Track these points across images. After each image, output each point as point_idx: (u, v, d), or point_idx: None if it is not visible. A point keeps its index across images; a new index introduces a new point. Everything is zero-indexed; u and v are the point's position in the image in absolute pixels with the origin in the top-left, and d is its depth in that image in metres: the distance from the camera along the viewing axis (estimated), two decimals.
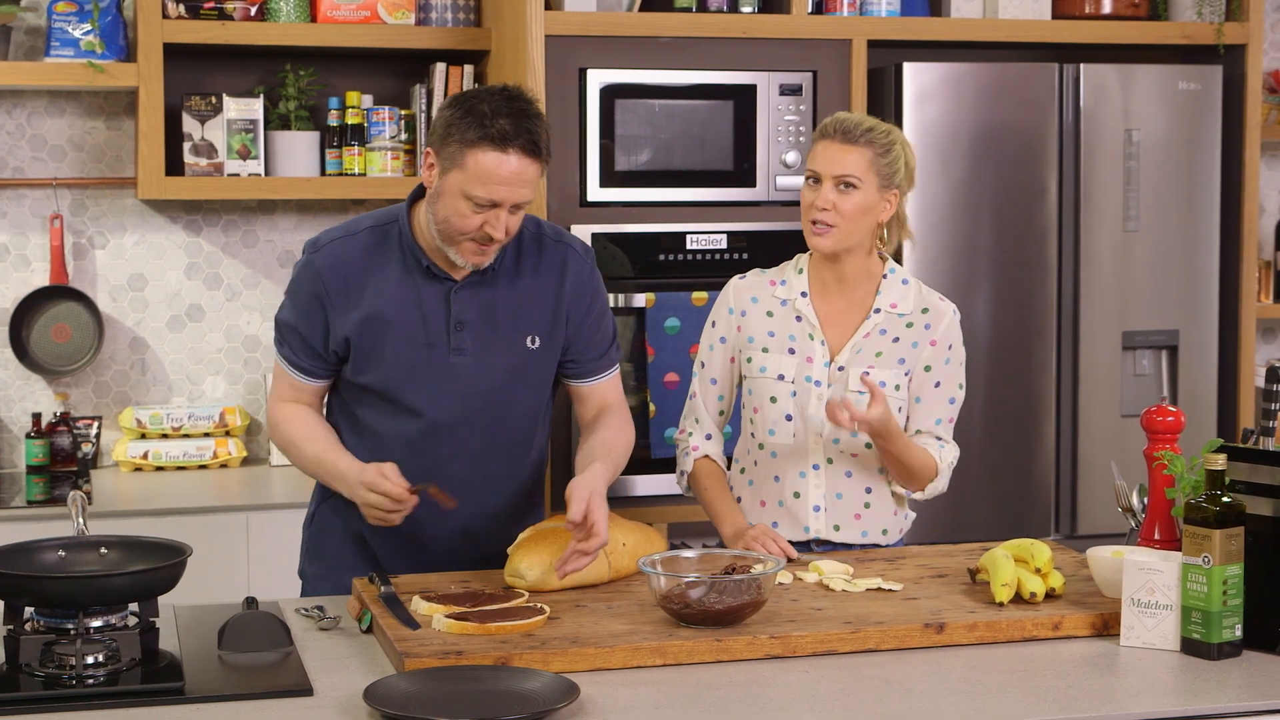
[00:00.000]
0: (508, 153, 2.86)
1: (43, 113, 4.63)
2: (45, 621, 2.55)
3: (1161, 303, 4.66)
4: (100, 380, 4.71)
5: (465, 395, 3.04)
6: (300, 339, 3.07)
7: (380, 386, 3.04)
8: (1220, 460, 2.59)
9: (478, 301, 3.03)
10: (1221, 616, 2.56)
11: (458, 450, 3.06)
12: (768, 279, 3.30)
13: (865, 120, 3.17)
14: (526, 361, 3.07)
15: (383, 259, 3.03)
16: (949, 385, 3.22)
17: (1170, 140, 4.63)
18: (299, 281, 3.08)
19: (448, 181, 2.91)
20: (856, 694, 2.43)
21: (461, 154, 2.87)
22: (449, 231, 2.93)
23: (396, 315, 3.01)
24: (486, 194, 2.87)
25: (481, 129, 2.86)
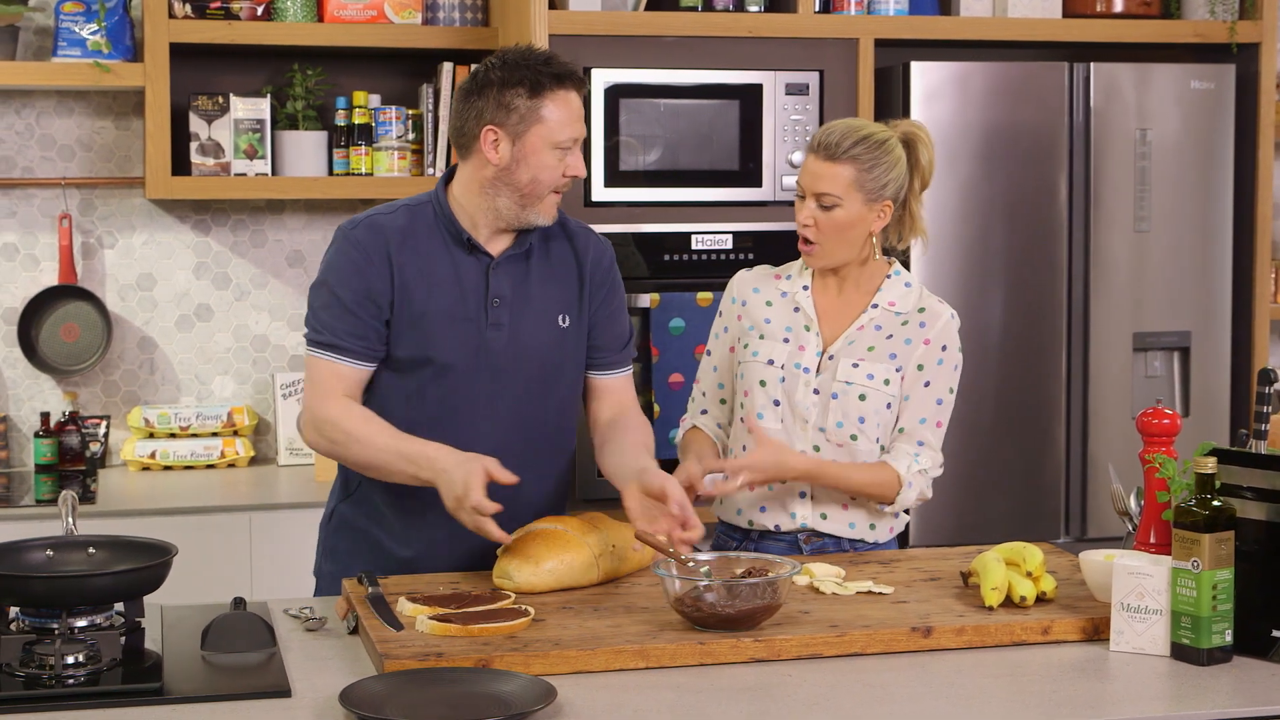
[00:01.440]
0: (569, 89, 3.01)
1: (51, 112, 4.65)
2: (30, 621, 2.55)
3: (1173, 304, 4.62)
4: (109, 379, 4.72)
5: (499, 371, 3.06)
6: (347, 316, 3.02)
7: (419, 357, 3.04)
8: (1210, 464, 2.56)
9: (513, 278, 3.08)
10: (1211, 622, 2.53)
11: (488, 428, 3.06)
12: (773, 273, 3.32)
13: (855, 131, 3.14)
14: (559, 340, 3.11)
15: (420, 234, 3.07)
16: (938, 386, 3.20)
17: (1183, 140, 4.59)
18: (338, 258, 3.06)
19: (528, 142, 2.99)
20: (839, 698, 2.41)
21: (536, 109, 2.98)
22: (539, 190, 3.01)
23: (435, 287, 3.04)
24: (571, 133, 3.00)
25: (543, 80, 2.98)
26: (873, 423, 3.15)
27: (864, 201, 3.13)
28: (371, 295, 3.02)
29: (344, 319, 3.02)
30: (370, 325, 3.02)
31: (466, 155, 3.06)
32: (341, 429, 3.01)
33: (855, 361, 3.16)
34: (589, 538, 2.92)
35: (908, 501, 3.16)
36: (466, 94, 3.03)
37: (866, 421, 3.15)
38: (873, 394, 3.15)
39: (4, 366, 4.66)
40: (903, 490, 3.15)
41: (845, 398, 3.15)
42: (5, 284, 4.65)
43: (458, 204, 3.08)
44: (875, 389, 3.15)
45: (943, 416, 3.20)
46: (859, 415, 3.15)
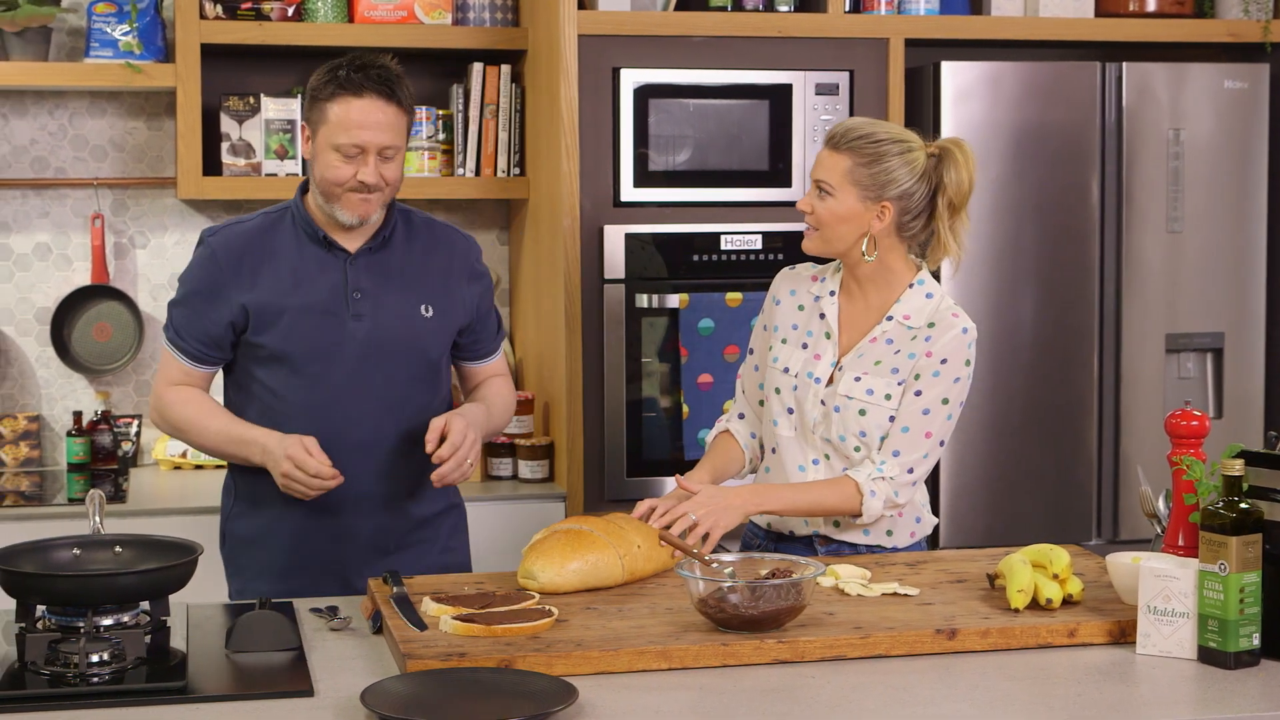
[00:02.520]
0: (362, 97, 3.10)
1: (84, 113, 4.67)
2: (56, 620, 2.56)
3: (1206, 305, 4.59)
4: (140, 379, 4.74)
5: (363, 359, 3.19)
6: (195, 323, 3.20)
7: (280, 352, 3.17)
8: (1238, 466, 2.54)
9: (373, 270, 3.22)
10: (1238, 625, 2.51)
11: (358, 416, 3.20)
12: (811, 274, 3.30)
13: (865, 127, 3.11)
14: (423, 329, 3.24)
15: (278, 239, 3.22)
16: (928, 396, 3.11)
17: (1216, 140, 4.56)
18: (194, 267, 3.24)
19: (318, 141, 3.14)
20: (862, 700, 2.40)
21: (324, 110, 3.12)
22: (327, 187, 3.15)
23: (295, 285, 3.18)
24: (349, 139, 3.09)
25: (336, 83, 3.12)
26: (875, 436, 3.12)
27: (859, 197, 3.10)
28: (220, 302, 3.18)
29: (190, 322, 3.22)
30: (213, 332, 3.20)
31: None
32: (177, 414, 3.23)
33: (858, 375, 3.13)
34: (613, 538, 2.92)
35: (875, 511, 3.08)
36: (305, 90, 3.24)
37: (869, 435, 3.12)
38: (872, 409, 3.12)
39: (37, 366, 4.69)
40: (865, 499, 3.08)
41: (846, 411, 3.13)
42: (38, 284, 4.68)
43: (311, 205, 3.23)
44: (875, 404, 3.11)
45: (931, 427, 3.11)
46: (860, 429, 3.12)
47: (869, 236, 3.12)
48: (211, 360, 3.23)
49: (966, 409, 4.35)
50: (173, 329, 3.24)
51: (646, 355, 4.24)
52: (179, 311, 3.23)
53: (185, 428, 3.23)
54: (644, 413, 4.26)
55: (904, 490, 3.12)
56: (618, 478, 4.25)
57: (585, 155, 4.22)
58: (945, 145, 3.13)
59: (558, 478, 4.36)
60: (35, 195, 4.66)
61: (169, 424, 3.26)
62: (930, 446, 3.13)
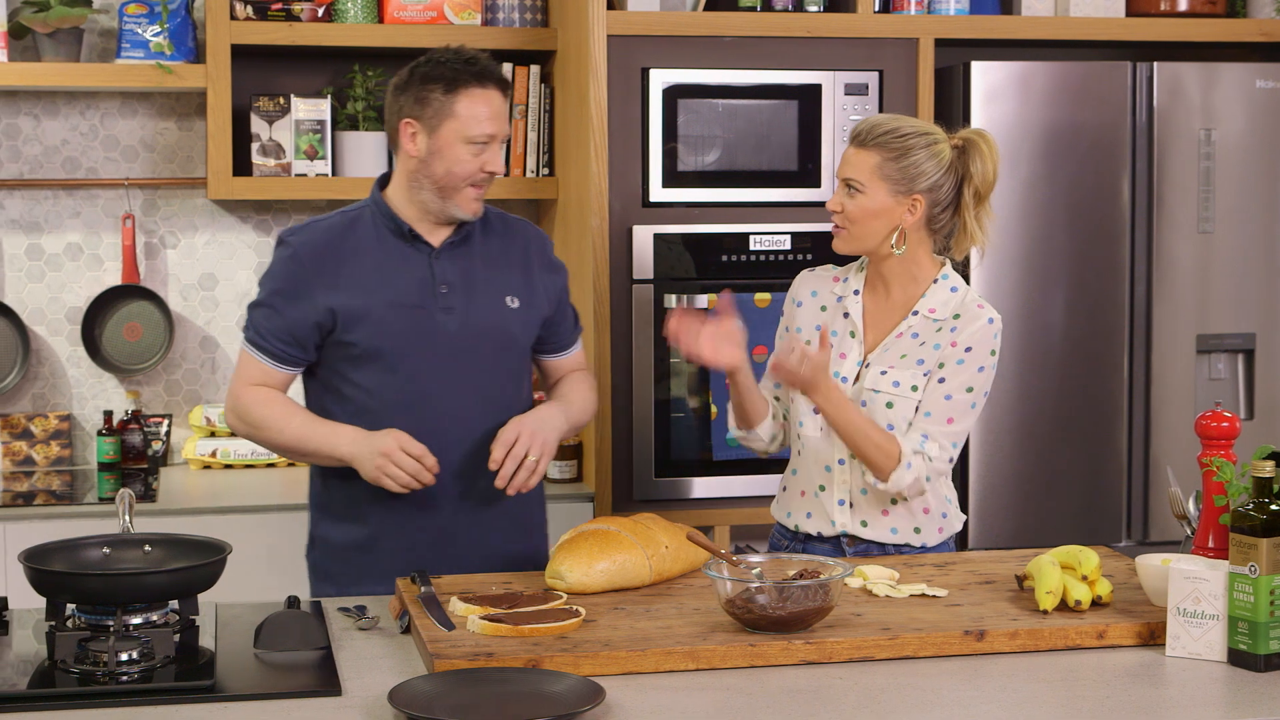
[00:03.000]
0: (486, 88, 3.14)
1: (115, 114, 4.69)
2: (86, 618, 2.58)
3: (1238, 305, 4.56)
4: (171, 379, 4.76)
5: (455, 353, 3.17)
6: (278, 323, 3.16)
7: (373, 349, 3.15)
8: (1268, 467, 2.53)
9: (457, 265, 3.21)
10: (1268, 627, 2.50)
11: (452, 409, 3.18)
12: (833, 275, 3.32)
13: (890, 123, 3.13)
14: (510, 320, 3.23)
15: (359, 236, 3.21)
16: (952, 383, 3.13)
17: (1248, 140, 4.54)
18: (277, 267, 3.21)
19: (441, 136, 3.13)
20: (890, 702, 2.39)
21: (450, 105, 3.12)
22: (452, 183, 3.14)
23: (383, 282, 3.16)
24: (481, 130, 3.12)
25: (460, 77, 3.12)
26: (902, 429, 3.13)
27: (890, 191, 3.11)
28: (305, 302, 3.14)
29: (272, 321, 3.18)
30: (295, 334, 3.16)
31: (395, 150, 3.22)
32: (256, 414, 3.18)
33: (885, 369, 3.15)
34: (641, 539, 2.92)
35: (903, 482, 3.09)
36: (393, 90, 3.21)
37: (896, 428, 3.13)
38: (900, 401, 3.12)
39: (68, 365, 4.71)
40: (899, 468, 3.08)
41: (873, 405, 3.13)
42: (69, 284, 4.70)
43: (394, 202, 3.22)
44: (902, 396, 3.12)
45: (954, 413, 3.12)
46: (887, 423, 3.13)
47: (900, 230, 3.13)
48: (294, 361, 3.19)
49: (996, 409, 4.38)
50: (254, 330, 3.19)
51: (675, 355, 4.24)
52: (261, 312, 3.19)
53: (264, 425, 3.18)
54: (672, 413, 4.25)
55: (935, 476, 3.13)
56: (646, 478, 4.25)
57: (614, 155, 4.21)
58: (969, 136, 3.17)
59: (586, 478, 4.36)
60: (67, 195, 4.68)
61: (246, 423, 3.20)
62: (955, 434, 3.13)
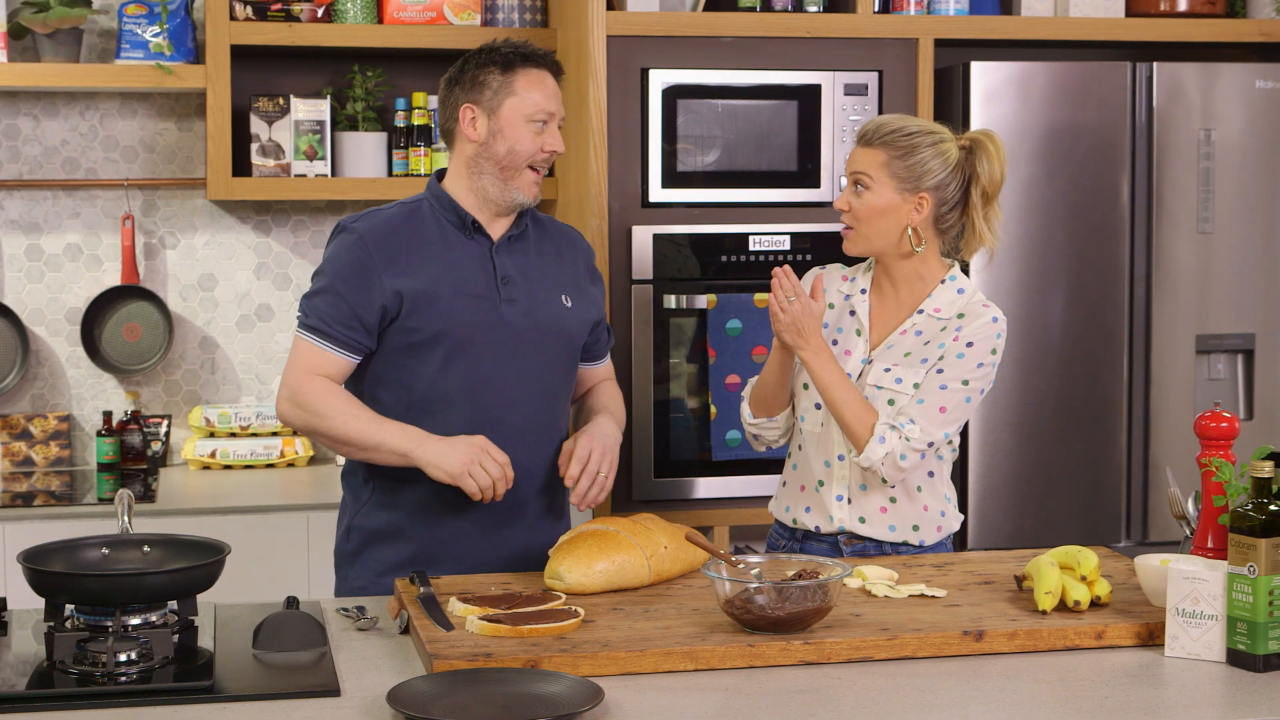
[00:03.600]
0: (542, 68, 3.19)
1: (115, 114, 4.69)
2: (85, 619, 2.58)
3: (1237, 306, 4.56)
4: (170, 379, 4.76)
5: (516, 344, 3.17)
6: (343, 307, 3.11)
7: (438, 334, 3.12)
8: (1267, 468, 2.53)
9: (515, 259, 3.22)
10: (1267, 628, 2.50)
11: (512, 400, 3.17)
12: (842, 274, 3.34)
13: (896, 121, 3.16)
14: (566, 317, 3.24)
15: (420, 228, 3.19)
16: (949, 375, 3.13)
17: (1247, 140, 4.54)
18: (341, 253, 3.16)
19: (502, 116, 3.15)
20: (889, 702, 2.39)
21: (509, 84, 3.15)
22: (516, 162, 3.16)
23: (446, 271, 3.15)
24: (544, 106, 3.16)
25: (514, 59, 3.17)
26: None
27: (896, 189, 3.13)
28: (372, 286, 3.11)
29: (336, 307, 3.12)
30: (361, 318, 3.12)
31: (452, 142, 3.23)
32: (318, 402, 3.11)
33: (888, 366, 3.16)
34: (640, 539, 2.92)
35: (875, 457, 3.07)
36: (449, 82, 3.23)
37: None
38: (900, 398, 3.13)
39: (67, 366, 4.71)
40: (872, 440, 3.08)
41: (875, 401, 3.14)
42: (69, 284, 4.70)
43: (452, 193, 3.22)
44: (903, 393, 3.13)
45: (946, 402, 3.11)
46: None
47: (912, 229, 3.14)
48: (358, 348, 3.13)
49: (995, 408, 4.38)
50: (315, 317, 3.13)
51: (675, 356, 4.24)
52: (324, 299, 3.13)
53: (328, 414, 3.08)
54: (672, 413, 4.25)
55: (910, 457, 3.09)
56: (645, 478, 4.25)
57: (614, 156, 4.22)
58: (976, 137, 3.19)
59: None
60: (66, 196, 4.68)
61: (308, 411, 3.10)
62: (945, 423, 3.12)
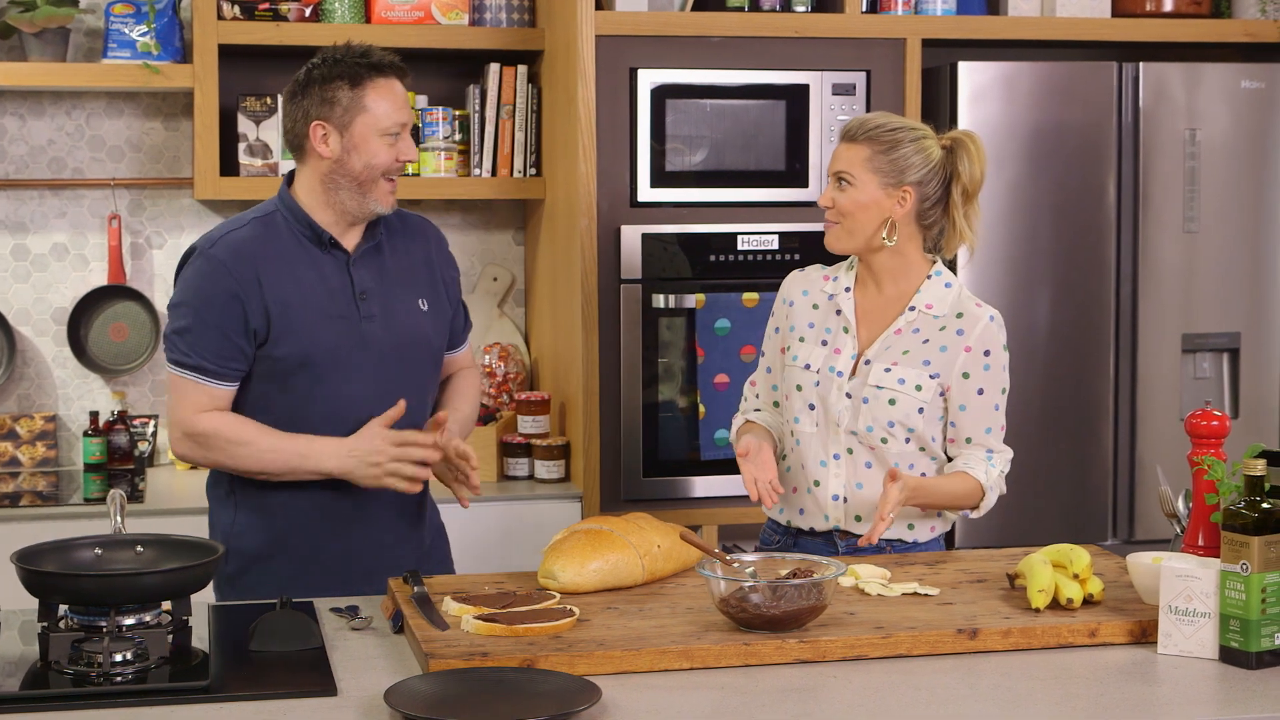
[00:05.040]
0: (389, 78, 3.13)
1: (101, 114, 4.68)
2: (79, 619, 2.57)
3: (1223, 305, 4.58)
4: (157, 379, 4.75)
5: (379, 361, 3.16)
6: (212, 337, 3.08)
7: (302, 359, 3.11)
8: (1260, 466, 2.54)
9: (372, 270, 3.20)
10: (1260, 625, 2.51)
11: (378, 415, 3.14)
12: (823, 274, 3.35)
13: (878, 118, 3.20)
14: (423, 323, 3.23)
15: (278, 244, 3.15)
16: (992, 391, 3.19)
17: (1232, 140, 4.56)
18: (199, 280, 3.11)
19: (355, 132, 3.09)
20: (883, 700, 2.40)
21: (359, 99, 3.09)
22: (372, 175, 3.11)
23: (306, 292, 3.12)
24: (396, 119, 3.10)
25: (361, 71, 3.10)
26: (902, 427, 3.15)
27: (879, 184, 3.16)
28: (236, 313, 3.07)
29: (207, 338, 3.08)
30: (234, 344, 3.09)
31: (302, 156, 3.17)
32: (225, 436, 3.09)
33: (888, 366, 3.17)
34: (633, 538, 2.92)
35: (990, 505, 3.21)
36: (292, 95, 3.16)
37: (896, 425, 3.15)
38: (902, 398, 3.14)
39: (53, 366, 4.70)
40: (986, 496, 3.19)
41: (875, 402, 3.15)
42: (55, 284, 4.69)
43: (306, 206, 3.17)
44: (905, 394, 3.14)
45: (1003, 419, 3.23)
46: (888, 419, 3.15)
47: (890, 222, 3.16)
48: (234, 375, 3.10)
49: None
50: (184, 352, 3.09)
51: (663, 355, 4.25)
52: (190, 332, 3.09)
53: (235, 445, 3.08)
54: (660, 413, 4.26)
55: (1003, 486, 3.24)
56: (634, 478, 4.26)
57: (602, 155, 4.22)
58: (957, 137, 3.22)
59: (574, 478, 4.36)
60: (52, 195, 4.67)
61: (210, 447, 3.10)
62: (1004, 432, 3.25)
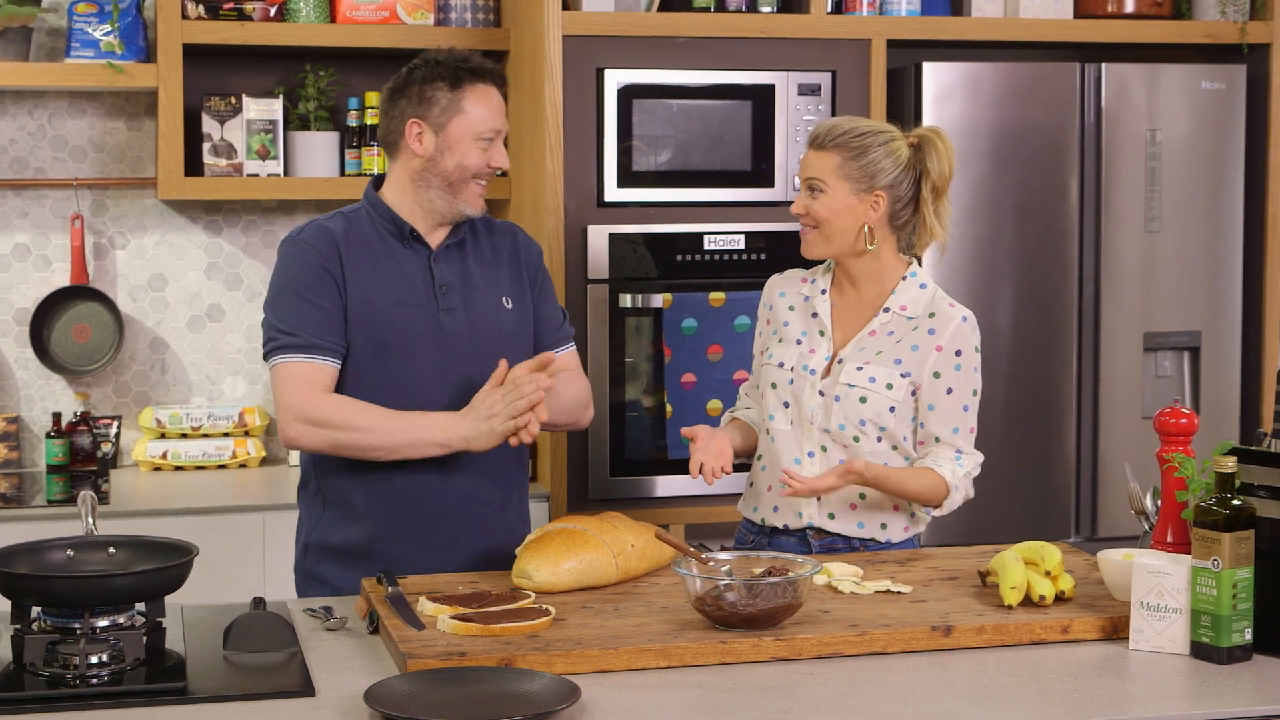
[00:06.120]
0: (489, 84, 3.19)
1: (64, 113, 4.65)
2: (52, 621, 2.56)
3: (1184, 304, 4.62)
4: (120, 380, 4.73)
5: (458, 354, 3.17)
6: (315, 314, 3.11)
7: (375, 347, 3.13)
8: (1230, 463, 2.57)
9: (454, 266, 3.22)
10: (1231, 620, 2.54)
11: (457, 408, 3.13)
12: (800, 277, 3.37)
13: (846, 124, 3.21)
14: (507, 320, 3.24)
15: (360, 237, 3.20)
16: (962, 392, 3.21)
17: (1193, 140, 4.60)
18: (292, 263, 3.17)
19: (450, 133, 3.15)
20: (860, 697, 2.41)
21: (457, 101, 3.15)
22: (463, 177, 3.16)
23: (385, 280, 3.16)
24: (489, 125, 3.16)
25: (462, 75, 3.16)
26: (873, 425, 3.17)
27: (851, 190, 3.17)
28: (330, 286, 3.14)
29: (308, 315, 3.12)
30: (337, 320, 3.13)
31: (394, 153, 3.22)
32: (342, 420, 3.08)
33: (860, 365, 3.19)
34: (607, 537, 2.93)
35: (954, 505, 3.20)
36: (392, 93, 3.21)
37: (867, 424, 3.17)
38: (874, 397, 3.16)
39: (16, 367, 4.67)
40: (950, 495, 3.18)
41: (846, 400, 3.17)
42: (17, 284, 4.66)
43: (391, 203, 3.22)
44: (876, 392, 3.16)
45: (973, 421, 3.24)
46: (859, 418, 3.16)
47: (867, 227, 3.17)
48: (339, 351, 3.12)
49: None
50: (287, 335, 3.10)
51: (630, 355, 4.25)
52: (294, 311, 3.11)
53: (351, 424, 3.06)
54: (627, 412, 4.26)
55: (971, 482, 3.23)
56: (601, 477, 4.26)
57: (569, 155, 4.22)
58: (924, 134, 3.24)
59: (541, 477, 4.36)
60: (14, 196, 4.64)
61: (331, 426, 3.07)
62: (974, 437, 3.25)
